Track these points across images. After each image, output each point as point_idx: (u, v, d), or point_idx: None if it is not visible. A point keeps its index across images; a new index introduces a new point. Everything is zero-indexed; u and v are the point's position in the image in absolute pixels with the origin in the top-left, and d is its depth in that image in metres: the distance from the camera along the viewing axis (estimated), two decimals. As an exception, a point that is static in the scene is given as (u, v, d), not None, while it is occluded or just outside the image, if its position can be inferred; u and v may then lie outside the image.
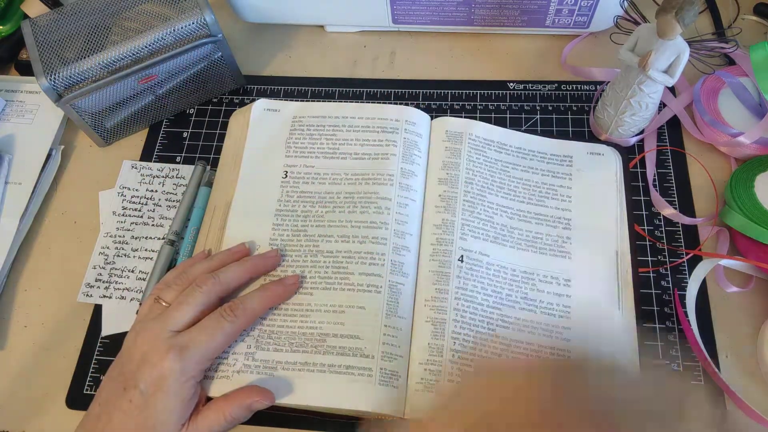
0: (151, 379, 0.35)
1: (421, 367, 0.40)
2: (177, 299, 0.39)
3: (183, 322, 0.38)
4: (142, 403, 0.35)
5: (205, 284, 0.39)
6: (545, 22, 0.54)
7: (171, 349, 0.36)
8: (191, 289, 0.39)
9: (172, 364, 0.35)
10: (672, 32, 0.39)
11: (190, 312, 0.38)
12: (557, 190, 0.46)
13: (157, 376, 0.35)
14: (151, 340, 0.37)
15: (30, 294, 0.48)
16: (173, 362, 0.35)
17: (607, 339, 0.41)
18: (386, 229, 0.43)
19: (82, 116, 0.49)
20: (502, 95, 0.54)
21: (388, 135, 0.47)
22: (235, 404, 0.38)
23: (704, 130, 0.49)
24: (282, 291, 0.41)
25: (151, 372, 0.35)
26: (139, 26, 0.47)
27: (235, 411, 0.38)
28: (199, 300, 0.38)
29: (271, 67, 0.58)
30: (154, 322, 0.38)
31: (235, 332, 0.39)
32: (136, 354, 0.37)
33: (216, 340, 0.37)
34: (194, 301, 0.38)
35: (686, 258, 0.45)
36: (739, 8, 0.56)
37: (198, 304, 0.38)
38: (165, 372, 0.35)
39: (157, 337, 0.36)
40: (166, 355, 0.36)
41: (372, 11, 0.55)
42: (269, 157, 0.47)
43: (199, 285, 0.39)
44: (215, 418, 0.37)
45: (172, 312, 0.38)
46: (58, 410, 0.43)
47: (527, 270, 0.43)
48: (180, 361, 0.36)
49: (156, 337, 0.37)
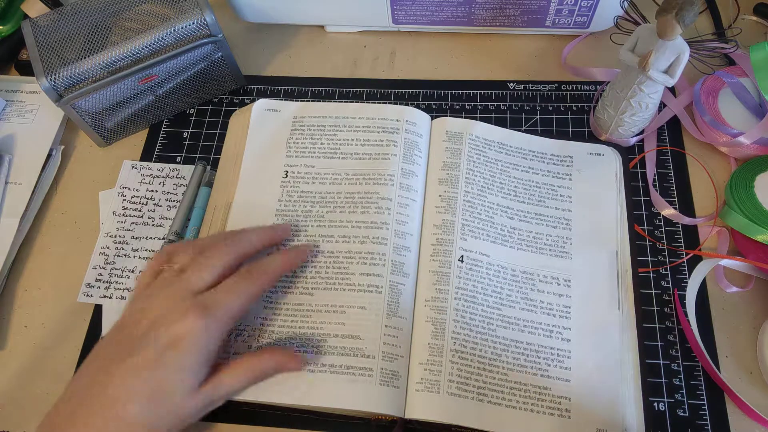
0: (167, 338, 0.33)
1: (421, 367, 0.40)
2: (194, 262, 0.37)
3: (203, 283, 0.36)
4: (154, 363, 0.33)
5: (224, 247, 0.38)
6: (545, 22, 0.54)
7: (192, 307, 0.34)
8: (208, 253, 0.37)
9: (194, 323, 0.33)
10: (672, 32, 0.39)
11: (208, 273, 0.36)
12: (557, 191, 0.46)
13: (174, 335, 0.33)
14: (168, 303, 0.35)
15: (30, 294, 0.48)
16: (195, 320, 0.34)
17: (607, 339, 0.41)
18: (387, 230, 0.43)
19: (82, 116, 0.49)
20: (502, 95, 0.54)
21: (389, 135, 0.47)
22: (266, 361, 0.37)
23: (704, 130, 0.49)
24: (298, 254, 0.41)
25: (167, 331, 0.33)
26: (139, 26, 0.47)
27: (265, 367, 0.37)
28: (217, 262, 0.37)
29: (271, 67, 0.58)
30: (170, 286, 0.36)
31: (257, 293, 0.37)
32: (145, 319, 0.35)
33: (239, 301, 0.36)
34: (212, 263, 0.37)
35: (686, 258, 0.45)
36: (739, 8, 0.56)
37: (217, 266, 0.37)
38: (185, 330, 0.33)
39: (176, 299, 0.35)
40: (186, 314, 0.34)
41: (372, 11, 0.55)
42: (269, 157, 0.47)
43: (217, 248, 0.38)
44: (242, 374, 0.36)
45: (189, 274, 0.36)
46: (59, 410, 0.43)
47: (527, 270, 0.43)
48: (203, 318, 0.34)
49: (174, 299, 0.35)
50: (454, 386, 0.39)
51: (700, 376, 0.41)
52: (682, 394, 0.41)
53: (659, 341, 0.43)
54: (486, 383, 0.39)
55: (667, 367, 0.42)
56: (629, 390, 0.39)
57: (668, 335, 0.43)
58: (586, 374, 0.40)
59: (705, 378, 0.41)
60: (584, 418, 0.38)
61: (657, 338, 0.43)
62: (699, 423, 0.40)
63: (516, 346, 0.41)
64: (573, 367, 0.40)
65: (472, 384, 0.39)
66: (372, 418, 0.40)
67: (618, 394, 0.39)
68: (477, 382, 0.39)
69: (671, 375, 0.41)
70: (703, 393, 0.41)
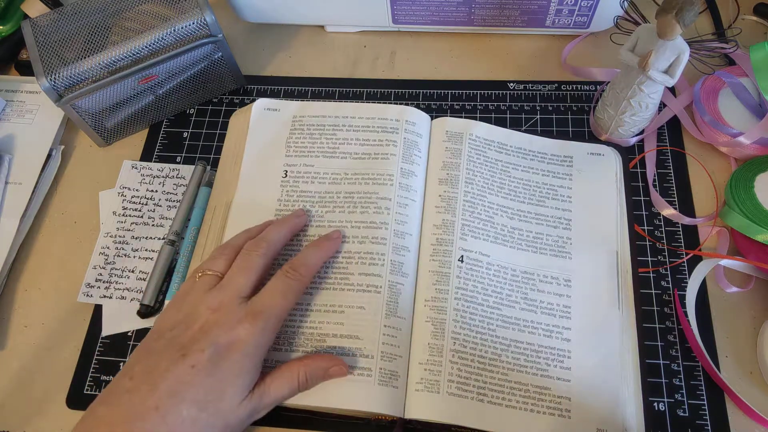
0: (226, 342, 0.33)
1: (420, 367, 0.40)
2: (234, 266, 0.38)
3: (249, 286, 0.37)
4: (211, 366, 0.32)
5: (261, 247, 0.38)
6: (545, 22, 0.54)
7: (247, 315, 0.34)
8: (246, 255, 0.38)
9: (250, 328, 0.34)
10: (672, 32, 0.39)
11: (253, 276, 0.37)
12: (557, 191, 0.46)
13: (232, 339, 0.33)
14: (218, 308, 0.35)
15: (30, 294, 0.48)
16: (251, 327, 0.34)
17: (607, 339, 0.41)
18: (386, 229, 0.43)
19: (82, 116, 0.49)
20: (502, 95, 0.54)
21: (389, 135, 0.47)
22: (313, 367, 0.36)
23: (704, 130, 0.49)
24: (332, 244, 0.41)
25: (226, 335, 0.33)
26: (139, 26, 0.47)
27: (311, 373, 0.36)
28: (259, 263, 0.38)
29: (271, 67, 0.58)
30: (216, 291, 0.36)
31: (301, 290, 0.38)
32: (197, 322, 0.34)
33: (288, 301, 0.37)
34: (254, 265, 0.37)
35: (686, 258, 0.45)
36: (739, 8, 0.56)
37: (258, 268, 0.38)
38: (242, 336, 0.34)
39: (226, 305, 0.35)
40: (241, 321, 0.34)
41: (372, 11, 0.55)
42: (269, 157, 0.47)
43: (254, 249, 0.38)
44: (288, 380, 0.36)
45: (235, 279, 0.37)
46: (58, 410, 0.43)
47: (527, 270, 0.43)
48: (257, 323, 0.34)
49: (224, 304, 0.35)
50: (454, 386, 0.39)
51: (700, 376, 0.41)
52: (682, 394, 0.41)
53: (659, 341, 0.43)
54: (486, 383, 0.39)
55: (667, 367, 0.42)
56: (629, 390, 0.39)
57: (668, 335, 0.43)
58: (586, 374, 0.40)
59: (705, 378, 0.41)
60: (584, 418, 0.38)
61: (657, 338, 0.43)
62: (699, 423, 0.40)
63: (516, 346, 0.41)
64: (573, 367, 0.40)
65: (472, 384, 0.39)
66: (372, 418, 0.40)
67: (618, 394, 0.39)
68: (477, 382, 0.39)
69: (671, 375, 0.41)
70: (703, 393, 0.41)
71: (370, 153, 0.47)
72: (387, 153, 0.46)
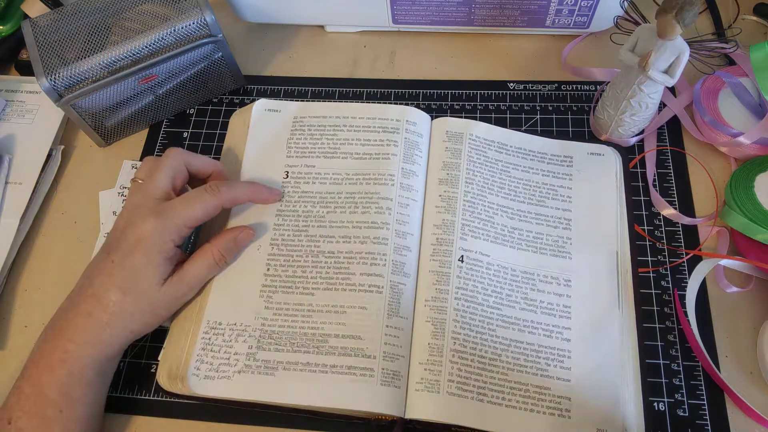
0: (133, 238, 0.39)
1: (421, 367, 0.40)
2: (148, 171, 0.42)
3: (160, 189, 0.40)
4: (122, 259, 0.38)
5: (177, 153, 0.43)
6: (545, 22, 0.54)
7: (152, 212, 0.39)
8: (162, 161, 0.42)
9: (152, 225, 0.39)
10: (672, 32, 0.39)
11: (164, 179, 0.41)
12: (557, 191, 0.46)
13: (138, 235, 0.39)
14: (134, 208, 0.40)
15: (30, 294, 0.48)
16: (153, 223, 0.39)
17: (607, 339, 0.41)
18: (387, 230, 0.43)
19: (82, 116, 0.49)
20: (502, 95, 0.54)
21: (389, 135, 0.47)
22: (222, 241, 0.41)
23: (704, 130, 0.49)
24: (266, 194, 0.44)
25: (133, 232, 0.39)
26: (139, 26, 0.47)
27: (223, 247, 0.41)
28: (171, 165, 0.41)
29: (271, 67, 0.58)
30: (134, 195, 0.41)
31: (215, 207, 0.41)
32: (120, 224, 0.40)
33: (195, 210, 0.40)
34: (165, 166, 0.41)
35: (686, 258, 0.45)
36: (739, 8, 0.56)
37: (169, 170, 0.41)
38: (145, 231, 0.38)
39: (140, 204, 0.40)
40: (147, 218, 0.39)
41: (372, 11, 0.55)
42: (270, 157, 0.47)
43: (169, 153, 0.42)
44: (203, 261, 0.41)
45: (148, 183, 0.41)
46: (59, 410, 0.43)
47: (527, 270, 0.43)
48: (160, 222, 0.39)
49: (138, 204, 0.40)
50: (454, 386, 0.39)
51: (700, 376, 0.41)
52: (682, 394, 0.41)
53: (659, 341, 0.43)
54: (486, 383, 0.39)
55: (667, 367, 0.42)
56: (629, 390, 0.39)
57: (668, 335, 0.43)
58: (586, 374, 0.40)
59: (705, 378, 0.41)
60: (584, 417, 0.38)
61: (657, 338, 0.43)
62: (699, 423, 0.40)
63: (516, 346, 0.41)
64: (573, 366, 0.40)
65: (472, 384, 0.39)
66: (372, 418, 0.40)
67: (618, 394, 0.39)
68: (477, 381, 0.39)
69: (671, 375, 0.42)
70: (703, 393, 0.41)
71: (371, 153, 0.47)
72: (388, 153, 0.46)
